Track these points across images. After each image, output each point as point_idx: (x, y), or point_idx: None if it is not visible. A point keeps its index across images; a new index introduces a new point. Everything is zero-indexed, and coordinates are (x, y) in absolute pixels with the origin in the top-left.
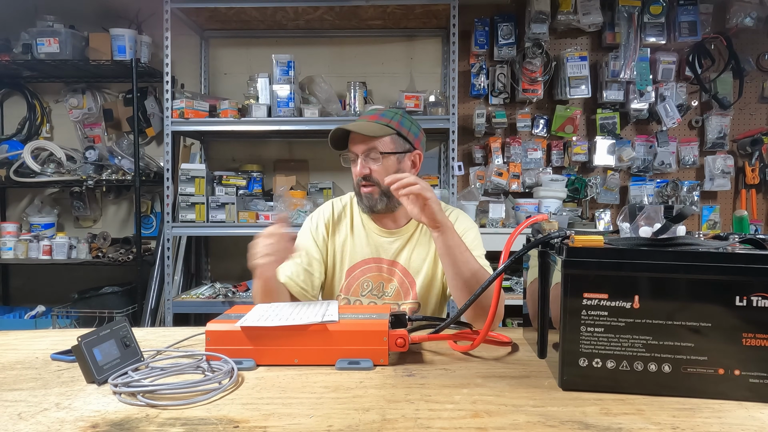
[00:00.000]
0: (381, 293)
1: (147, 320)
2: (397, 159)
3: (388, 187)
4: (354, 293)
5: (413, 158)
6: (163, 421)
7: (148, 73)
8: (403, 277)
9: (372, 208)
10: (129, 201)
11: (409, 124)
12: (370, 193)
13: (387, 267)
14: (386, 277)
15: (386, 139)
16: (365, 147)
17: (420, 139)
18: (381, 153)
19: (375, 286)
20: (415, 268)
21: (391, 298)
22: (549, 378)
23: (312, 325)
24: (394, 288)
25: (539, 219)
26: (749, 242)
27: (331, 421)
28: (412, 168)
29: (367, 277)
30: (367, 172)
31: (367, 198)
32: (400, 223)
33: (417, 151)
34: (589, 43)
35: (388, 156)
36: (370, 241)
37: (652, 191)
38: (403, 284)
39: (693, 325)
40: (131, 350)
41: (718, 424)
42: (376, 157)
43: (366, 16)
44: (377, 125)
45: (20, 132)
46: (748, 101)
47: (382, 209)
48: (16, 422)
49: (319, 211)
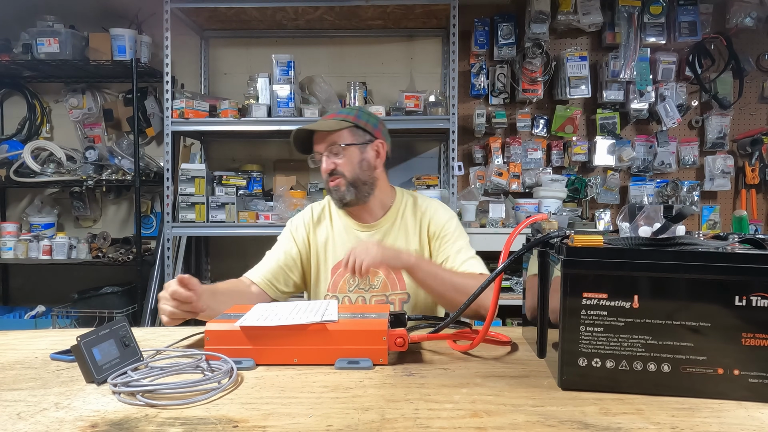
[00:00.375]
0: (367, 286)
1: (147, 320)
2: (359, 150)
3: (355, 177)
4: (341, 290)
5: (376, 147)
6: (163, 420)
7: (148, 73)
8: (389, 269)
9: (342, 200)
10: (129, 201)
11: (367, 116)
12: (338, 186)
13: None
14: (372, 270)
15: (344, 132)
16: (326, 144)
17: (380, 129)
18: (342, 146)
19: (361, 280)
20: None
21: (379, 290)
22: (548, 378)
23: (311, 325)
24: (380, 280)
25: (539, 219)
26: (749, 242)
27: (330, 421)
28: (377, 157)
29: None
30: (333, 167)
31: (336, 191)
32: (377, 215)
33: (379, 140)
34: (589, 43)
35: (349, 148)
36: (350, 237)
37: (652, 191)
38: (389, 275)
39: (692, 324)
40: (131, 350)
41: (718, 423)
42: (338, 151)
43: (366, 16)
44: (334, 121)
45: (20, 132)
46: (748, 101)
47: (352, 200)
48: (15, 422)
49: (299, 215)
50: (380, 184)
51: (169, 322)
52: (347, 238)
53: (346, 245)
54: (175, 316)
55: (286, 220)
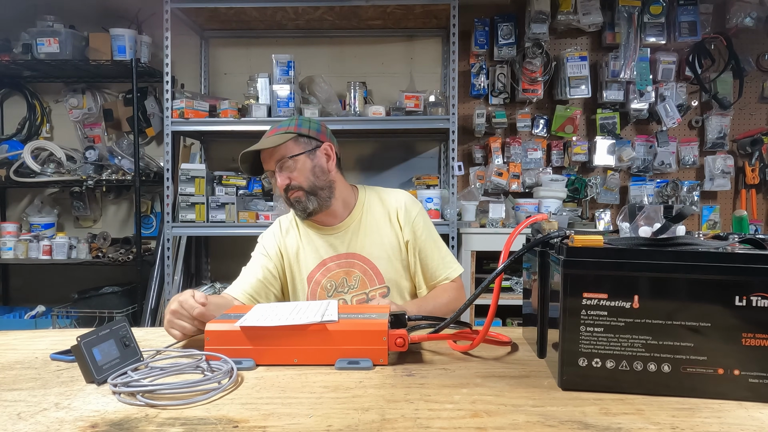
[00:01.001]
0: (346, 287)
1: (147, 320)
2: (308, 158)
3: (312, 185)
4: (320, 297)
5: (325, 151)
6: (163, 420)
7: (148, 73)
8: (364, 265)
9: (305, 210)
10: (129, 201)
11: (308, 123)
12: (298, 198)
13: (344, 261)
14: (347, 270)
15: (289, 144)
16: (273, 160)
17: (324, 132)
18: (291, 158)
19: (338, 283)
20: (371, 253)
21: (358, 289)
22: (548, 378)
23: (311, 325)
24: (357, 278)
25: (539, 219)
26: (749, 242)
27: (330, 421)
28: (328, 160)
29: (328, 278)
30: (287, 182)
31: (297, 203)
32: (342, 216)
33: (326, 144)
34: (589, 43)
35: (298, 158)
36: (321, 242)
37: (652, 191)
38: (366, 272)
39: (692, 325)
40: (131, 350)
41: (718, 424)
42: (288, 165)
43: (366, 16)
44: (276, 136)
45: (20, 132)
46: (748, 101)
47: (315, 209)
48: (15, 422)
49: (268, 229)
50: (338, 185)
51: (181, 338)
52: (319, 245)
53: (318, 252)
54: (188, 333)
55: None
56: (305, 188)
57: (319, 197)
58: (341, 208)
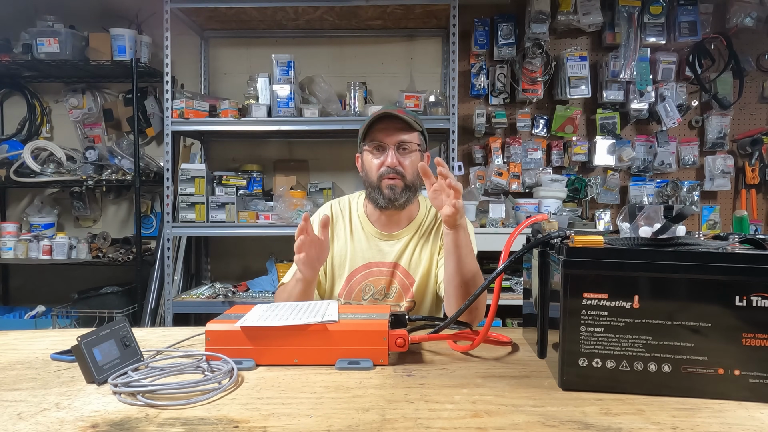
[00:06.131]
0: (383, 296)
1: (147, 320)
2: (420, 156)
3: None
4: (356, 297)
5: (425, 159)
6: (163, 421)
7: (148, 73)
8: (404, 279)
9: (393, 200)
10: (129, 201)
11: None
12: (395, 185)
13: (388, 270)
14: (388, 280)
15: (416, 134)
16: (397, 138)
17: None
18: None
19: (377, 290)
20: (415, 268)
21: (393, 300)
22: (549, 378)
23: (312, 325)
24: (395, 290)
25: (539, 219)
26: (749, 242)
27: (330, 421)
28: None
29: (368, 281)
30: (397, 164)
31: (391, 189)
32: (402, 225)
33: (427, 153)
34: (589, 43)
35: (416, 152)
36: (371, 245)
37: (652, 191)
38: (404, 285)
39: (693, 325)
40: (131, 350)
41: (718, 424)
42: (410, 150)
43: (366, 16)
44: (413, 120)
45: (20, 132)
46: (748, 101)
47: (402, 203)
48: (15, 422)
49: (318, 213)
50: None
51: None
52: (367, 246)
53: (365, 253)
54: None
55: (286, 220)
56: (407, 180)
57: (410, 194)
58: (405, 218)
